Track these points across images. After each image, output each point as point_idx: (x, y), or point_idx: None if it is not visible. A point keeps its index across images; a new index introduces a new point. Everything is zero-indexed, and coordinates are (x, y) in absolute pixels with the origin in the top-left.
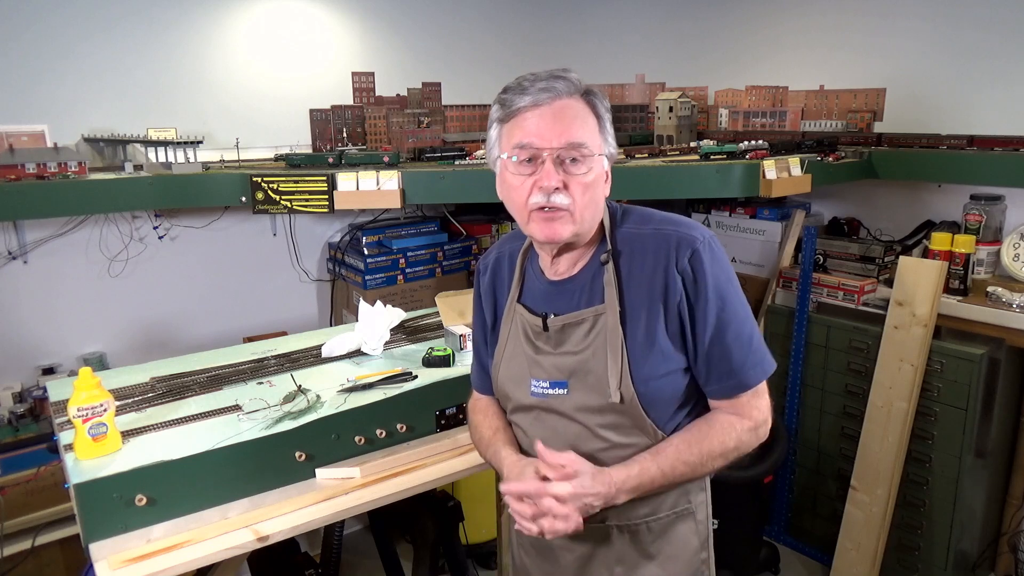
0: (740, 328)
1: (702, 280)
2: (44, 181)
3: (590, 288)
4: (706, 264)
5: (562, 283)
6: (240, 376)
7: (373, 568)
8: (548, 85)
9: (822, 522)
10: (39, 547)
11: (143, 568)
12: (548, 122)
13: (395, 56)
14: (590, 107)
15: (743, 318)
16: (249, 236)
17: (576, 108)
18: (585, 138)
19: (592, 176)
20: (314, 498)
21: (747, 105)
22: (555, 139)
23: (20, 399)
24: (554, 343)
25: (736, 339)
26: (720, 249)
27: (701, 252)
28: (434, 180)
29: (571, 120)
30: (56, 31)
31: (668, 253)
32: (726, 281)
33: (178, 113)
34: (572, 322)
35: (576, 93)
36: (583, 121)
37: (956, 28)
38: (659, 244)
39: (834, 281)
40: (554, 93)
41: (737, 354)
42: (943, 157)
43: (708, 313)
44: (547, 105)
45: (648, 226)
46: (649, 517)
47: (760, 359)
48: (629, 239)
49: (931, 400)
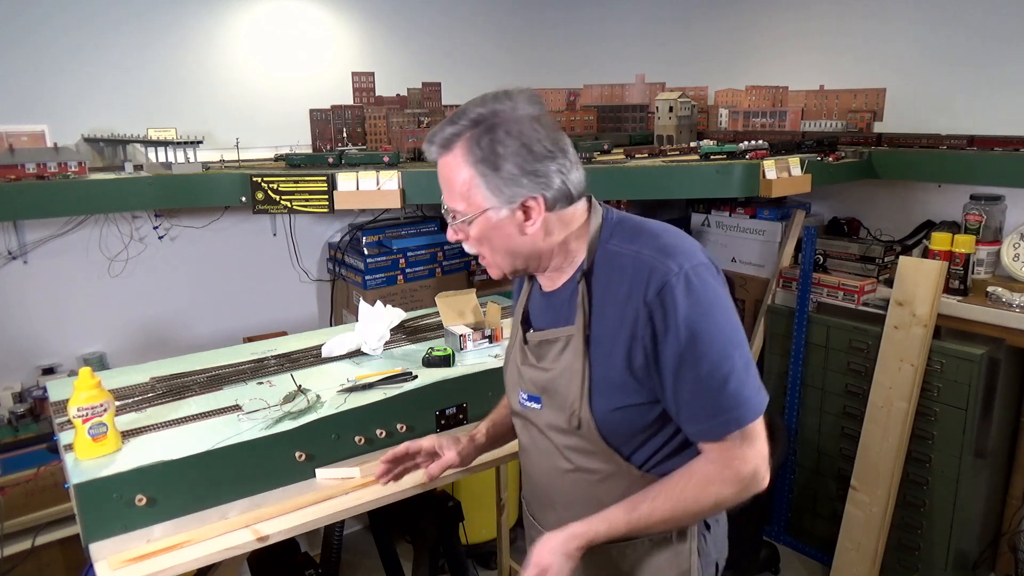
0: (713, 369)
1: (671, 315)
2: (44, 181)
3: (569, 305)
4: (678, 299)
5: (550, 295)
6: (240, 376)
7: (373, 568)
8: (430, 144)
9: (822, 522)
10: (39, 547)
11: (143, 568)
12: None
13: (395, 56)
14: (470, 158)
15: (718, 358)
16: (249, 236)
17: (446, 171)
18: (453, 202)
19: (477, 232)
20: (314, 498)
21: (747, 105)
22: (444, 200)
23: (20, 399)
24: (535, 357)
25: (707, 380)
26: (703, 281)
27: (673, 286)
28: (434, 180)
29: (445, 184)
30: (56, 32)
31: (641, 283)
32: (701, 316)
33: (178, 113)
34: (547, 339)
35: (451, 148)
36: (450, 185)
37: (956, 28)
38: (636, 270)
39: (834, 281)
40: (436, 153)
41: (707, 397)
42: (943, 157)
43: (671, 350)
44: (438, 161)
45: (632, 246)
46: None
47: (738, 404)
48: (609, 258)
49: (931, 400)
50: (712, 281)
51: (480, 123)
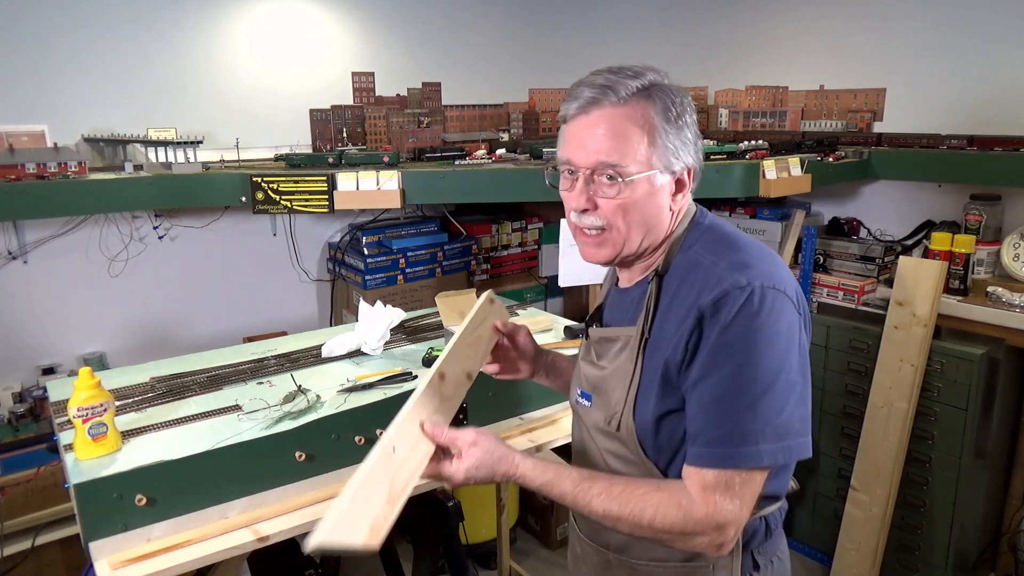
0: (735, 393)
1: (719, 322)
2: (44, 181)
3: (636, 305)
4: (732, 310)
5: (623, 292)
6: (240, 376)
7: (373, 568)
8: (594, 94)
9: (822, 522)
10: (39, 547)
11: (143, 568)
12: (584, 137)
13: (395, 56)
14: (642, 117)
15: (747, 384)
16: (249, 236)
17: (619, 121)
18: (621, 157)
19: (632, 196)
20: (314, 498)
21: (747, 105)
22: (587, 157)
23: (20, 399)
24: (595, 354)
25: (723, 401)
26: (768, 304)
27: (735, 297)
28: (434, 180)
29: (607, 137)
30: (56, 32)
31: (706, 291)
32: (749, 335)
33: (178, 113)
34: (608, 337)
35: (628, 101)
36: (624, 137)
37: (956, 28)
38: (707, 280)
39: (834, 281)
40: (599, 105)
41: (716, 420)
42: (943, 157)
43: (703, 356)
44: (587, 116)
45: (711, 256)
46: (655, 562)
47: (744, 442)
48: (686, 265)
49: (931, 400)
50: (782, 309)
51: (658, 84)
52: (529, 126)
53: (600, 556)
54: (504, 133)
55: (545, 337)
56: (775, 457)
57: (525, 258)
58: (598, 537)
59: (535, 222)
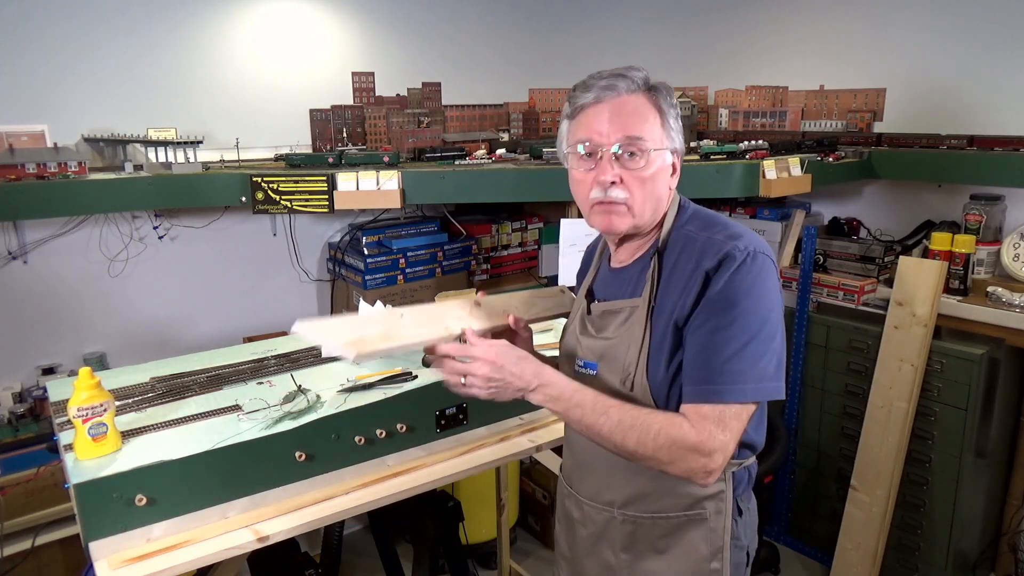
0: (726, 338)
1: (720, 278)
2: (44, 181)
3: (637, 280)
4: (732, 268)
5: (619, 271)
6: (240, 376)
7: (373, 568)
8: (610, 83)
9: (822, 522)
10: (39, 547)
11: (143, 568)
12: (607, 118)
13: (395, 56)
14: (652, 103)
15: (736, 331)
16: (249, 236)
17: (636, 104)
18: (642, 132)
19: (651, 170)
20: (314, 498)
21: (747, 105)
22: (613, 134)
23: (20, 399)
24: (596, 328)
25: (715, 345)
26: (760, 265)
27: (735, 258)
28: (434, 180)
29: (629, 115)
30: (56, 31)
31: (708, 257)
32: (743, 290)
33: (178, 113)
34: (611, 310)
35: (639, 90)
36: (642, 116)
37: (956, 28)
38: (705, 249)
39: (834, 281)
40: (615, 91)
41: (707, 361)
42: (943, 157)
43: (704, 306)
44: (607, 102)
45: (706, 232)
46: (657, 514)
47: (731, 381)
48: (683, 239)
49: (931, 400)
50: (770, 271)
51: (654, 80)
52: (529, 126)
53: (603, 515)
54: (504, 133)
55: (544, 337)
56: (756, 395)
57: (525, 258)
58: (601, 497)
59: (535, 222)
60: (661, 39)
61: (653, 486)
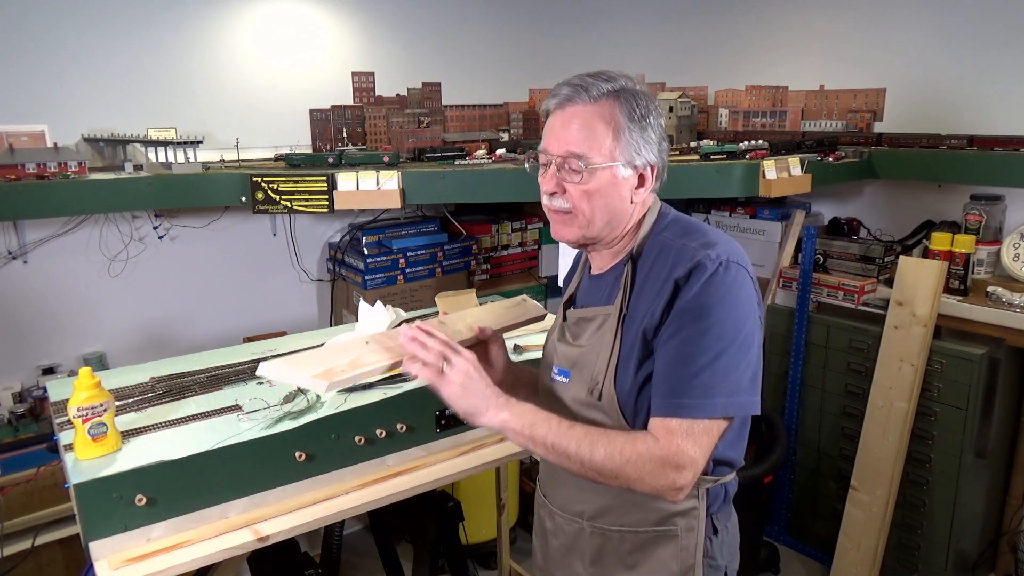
0: (696, 351)
1: (690, 288)
2: (44, 181)
3: (612, 287)
4: (702, 278)
5: (597, 278)
6: (240, 376)
7: (373, 568)
8: (569, 93)
9: (822, 522)
10: (39, 547)
11: (143, 568)
12: (557, 130)
13: (395, 56)
14: (610, 115)
15: (708, 344)
16: (249, 236)
17: (588, 117)
18: (585, 149)
19: (591, 184)
20: (314, 498)
21: (747, 105)
22: (558, 147)
23: (20, 399)
24: (572, 335)
25: (685, 358)
26: (733, 275)
27: (705, 268)
28: (434, 180)
29: (576, 130)
30: (57, 32)
31: (679, 266)
32: (714, 300)
33: (178, 113)
34: (585, 317)
35: (597, 100)
36: (590, 131)
37: (956, 28)
38: (677, 258)
39: (834, 281)
40: (572, 101)
41: (677, 373)
42: (943, 157)
43: (674, 317)
44: (561, 111)
45: (681, 240)
46: (626, 528)
47: (702, 395)
48: (657, 247)
49: (931, 400)
50: (743, 281)
51: (627, 88)
52: (529, 126)
53: (573, 526)
54: (504, 133)
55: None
56: (727, 409)
57: (525, 258)
58: (572, 508)
59: (535, 222)
60: (661, 39)
61: (622, 499)
